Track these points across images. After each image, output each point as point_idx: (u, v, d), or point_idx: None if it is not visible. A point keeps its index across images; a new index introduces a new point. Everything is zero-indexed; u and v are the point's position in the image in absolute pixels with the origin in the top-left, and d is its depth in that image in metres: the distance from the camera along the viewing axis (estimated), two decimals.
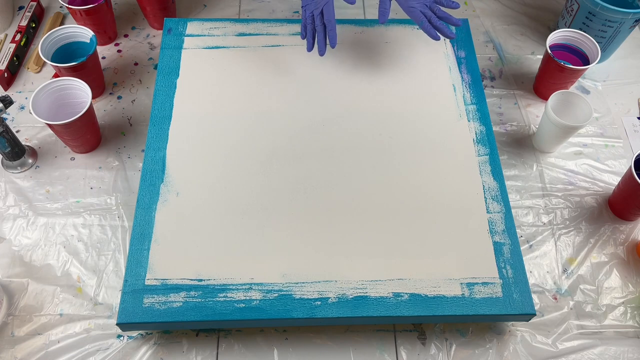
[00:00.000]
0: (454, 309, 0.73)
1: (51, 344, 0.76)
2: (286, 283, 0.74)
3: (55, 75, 0.96)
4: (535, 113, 1.01)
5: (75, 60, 0.89)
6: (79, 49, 0.95)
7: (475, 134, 0.88)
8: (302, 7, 0.88)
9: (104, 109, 0.98)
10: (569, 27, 1.05)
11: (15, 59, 1.01)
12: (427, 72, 0.95)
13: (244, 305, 0.73)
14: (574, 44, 1.00)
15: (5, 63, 0.99)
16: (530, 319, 0.77)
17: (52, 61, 0.90)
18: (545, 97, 1.02)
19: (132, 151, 0.93)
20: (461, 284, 0.75)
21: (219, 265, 0.75)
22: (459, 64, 0.97)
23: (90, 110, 0.86)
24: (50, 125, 0.84)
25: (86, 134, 0.89)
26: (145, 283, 0.73)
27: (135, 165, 0.92)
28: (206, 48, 0.96)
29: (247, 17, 1.12)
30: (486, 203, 0.82)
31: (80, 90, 0.88)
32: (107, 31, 1.04)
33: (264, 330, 0.79)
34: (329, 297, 0.74)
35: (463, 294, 0.74)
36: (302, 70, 0.94)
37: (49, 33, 0.93)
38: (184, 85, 0.91)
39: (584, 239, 0.88)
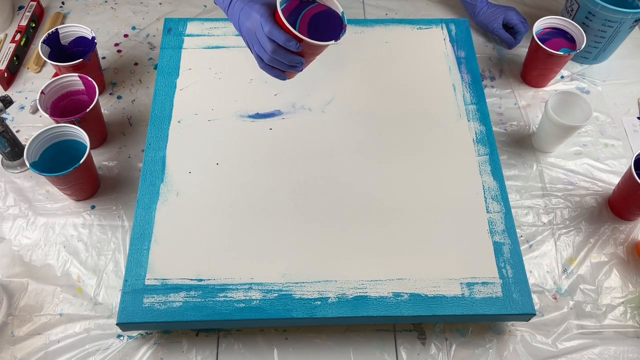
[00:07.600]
0: (454, 308, 0.73)
1: (51, 343, 0.76)
2: (286, 283, 0.74)
3: (55, 75, 0.96)
4: (535, 113, 1.01)
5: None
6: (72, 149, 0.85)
7: (475, 133, 0.88)
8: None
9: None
10: None
11: (15, 58, 1.01)
12: (427, 72, 0.95)
13: (244, 305, 0.73)
14: (560, 29, 1.02)
15: (5, 63, 0.99)
16: (530, 319, 0.77)
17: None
18: (532, 84, 1.05)
19: (132, 151, 0.93)
20: (461, 283, 0.75)
21: (219, 265, 0.75)
22: (459, 64, 0.97)
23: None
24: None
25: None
26: (145, 283, 0.73)
27: (135, 165, 0.92)
28: (206, 48, 0.96)
29: None
30: (486, 203, 0.82)
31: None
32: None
33: (264, 330, 0.79)
34: (329, 297, 0.74)
35: (463, 293, 0.74)
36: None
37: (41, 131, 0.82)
38: (184, 85, 0.91)
39: (584, 239, 0.88)
